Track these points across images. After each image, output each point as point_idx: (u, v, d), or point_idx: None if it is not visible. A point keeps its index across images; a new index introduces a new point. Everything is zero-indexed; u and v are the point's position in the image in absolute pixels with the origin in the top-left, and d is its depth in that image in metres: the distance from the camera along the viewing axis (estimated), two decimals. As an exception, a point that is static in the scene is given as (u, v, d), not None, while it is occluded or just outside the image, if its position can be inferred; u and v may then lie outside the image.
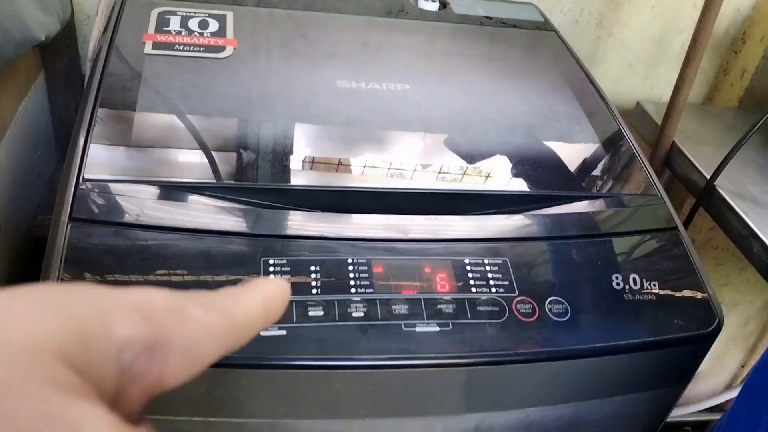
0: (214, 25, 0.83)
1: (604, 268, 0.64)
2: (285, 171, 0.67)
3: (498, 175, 0.71)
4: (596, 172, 0.75)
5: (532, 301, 0.59)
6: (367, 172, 0.69)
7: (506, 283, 0.60)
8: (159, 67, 0.75)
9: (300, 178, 0.68)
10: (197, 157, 0.67)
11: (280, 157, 0.68)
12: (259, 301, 0.27)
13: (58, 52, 0.98)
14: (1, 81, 0.80)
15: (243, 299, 0.27)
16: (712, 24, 0.91)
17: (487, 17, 0.99)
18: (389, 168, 0.70)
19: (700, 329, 0.62)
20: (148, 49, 0.77)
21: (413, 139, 0.75)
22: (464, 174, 0.71)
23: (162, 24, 0.81)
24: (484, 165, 0.72)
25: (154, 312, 0.24)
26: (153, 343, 0.23)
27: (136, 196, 0.60)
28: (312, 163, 0.69)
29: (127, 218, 0.58)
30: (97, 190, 0.60)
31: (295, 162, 0.68)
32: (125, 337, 0.23)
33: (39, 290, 0.23)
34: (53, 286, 0.24)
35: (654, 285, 0.64)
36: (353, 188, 0.66)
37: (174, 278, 0.55)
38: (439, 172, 0.70)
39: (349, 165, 0.69)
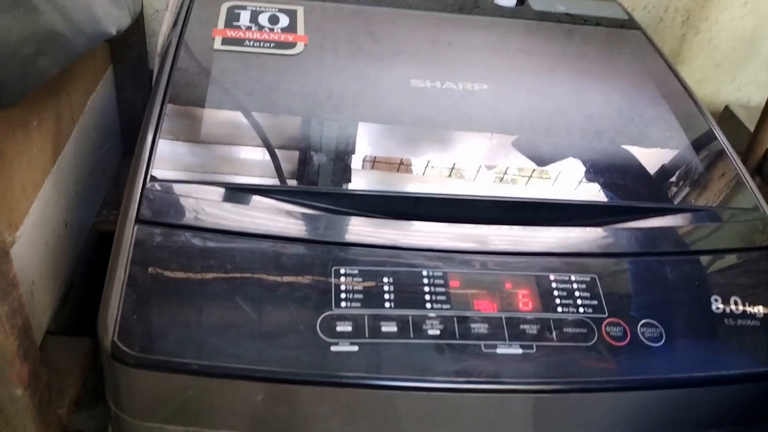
0: (284, 21, 0.80)
1: (702, 288, 0.58)
2: (357, 175, 0.63)
3: (583, 184, 0.66)
4: (690, 182, 0.69)
5: (623, 324, 0.54)
6: (443, 177, 0.65)
7: (595, 302, 0.55)
8: (228, 63, 0.73)
9: (372, 182, 0.64)
10: (265, 157, 0.65)
11: (352, 160, 0.64)
12: None
13: (127, 47, 0.98)
14: (71, 75, 0.80)
15: None
16: (818, 22, 0.84)
17: (568, 14, 0.93)
18: (467, 174, 0.65)
19: (811, 361, 0.56)
20: (217, 44, 0.75)
21: (491, 143, 0.71)
22: (547, 182, 0.66)
23: (232, 19, 0.79)
24: (567, 172, 0.67)
25: None
26: None
27: (203, 197, 0.58)
28: (385, 167, 0.66)
29: (195, 221, 0.55)
30: (164, 191, 0.58)
31: (367, 166, 0.65)
32: None
33: None
34: None
35: (758, 309, 0.58)
36: (428, 195, 0.62)
37: (242, 286, 0.52)
38: (520, 180, 0.66)
39: (425, 170, 0.66)
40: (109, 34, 0.68)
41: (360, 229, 0.59)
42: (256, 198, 0.59)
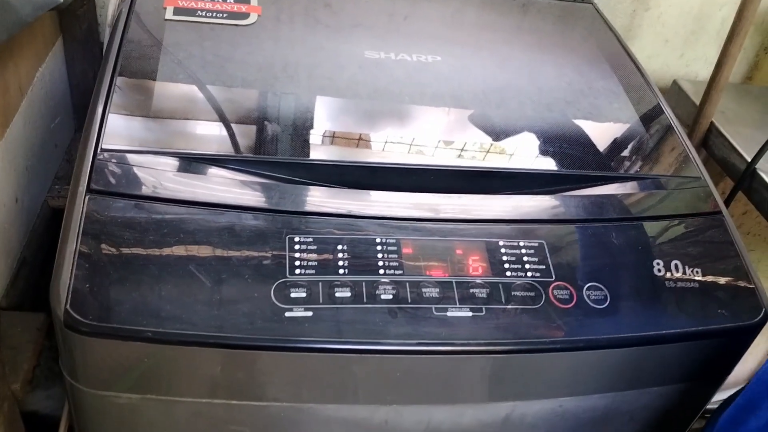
0: (237, -9, 0.79)
1: (645, 253, 0.61)
2: (310, 145, 0.64)
3: (533, 154, 0.68)
4: (636, 152, 0.71)
5: (569, 287, 0.56)
6: (396, 147, 0.66)
7: (543, 267, 0.57)
8: (180, 33, 0.72)
9: (326, 152, 0.65)
10: (219, 128, 0.65)
11: (306, 130, 0.65)
12: None
13: (77, 18, 0.95)
14: (18, 45, 0.78)
15: None
16: (759, -2, 0.86)
17: (521, -12, 0.94)
18: (419, 144, 0.66)
19: (746, 320, 0.59)
20: (169, 14, 0.74)
21: (444, 114, 0.72)
22: (498, 152, 0.67)
23: (184, -11, 0.78)
24: (518, 143, 0.69)
25: None
26: None
27: (156, 167, 0.57)
28: (338, 138, 0.66)
29: (147, 191, 0.55)
30: (115, 161, 0.57)
31: (320, 136, 0.65)
32: None
33: None
34: None
35: (697, 272, 0.60)
36: (382, 164, 0.63)
37: (196, 254, 0.52)
38: (471, 150, 0.67)
39: (377, 140, 0.66)
40: (55, 2, 0.67)
41: (314, 198, 0.59)
42: (208, 168, 0.59)
